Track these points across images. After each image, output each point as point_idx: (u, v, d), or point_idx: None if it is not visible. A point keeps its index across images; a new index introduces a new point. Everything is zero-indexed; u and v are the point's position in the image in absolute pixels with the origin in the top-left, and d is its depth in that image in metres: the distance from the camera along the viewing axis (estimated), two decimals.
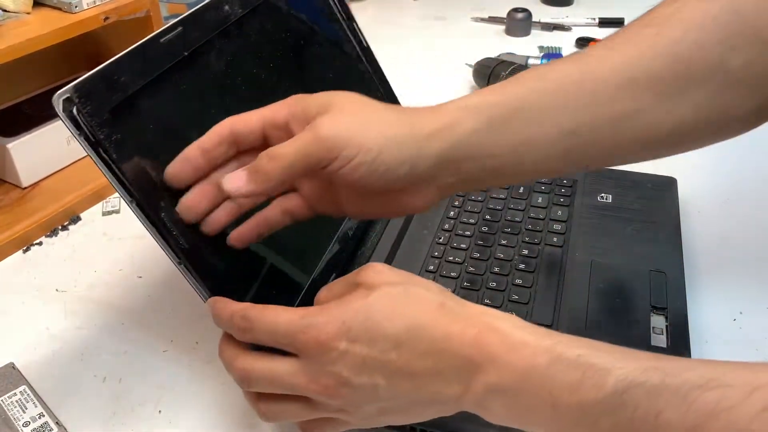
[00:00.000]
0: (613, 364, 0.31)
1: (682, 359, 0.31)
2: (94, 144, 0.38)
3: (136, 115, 0.39)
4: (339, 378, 0.35)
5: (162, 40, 0.42)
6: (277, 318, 0.36)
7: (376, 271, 0.37)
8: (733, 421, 0.27)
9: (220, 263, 0.43)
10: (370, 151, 0.37)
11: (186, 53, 0.44)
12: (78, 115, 0.37)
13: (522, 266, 0.55)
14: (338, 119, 0.37)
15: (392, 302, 0.35)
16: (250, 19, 0.51)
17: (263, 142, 0.39)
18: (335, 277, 0.53)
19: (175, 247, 0.41)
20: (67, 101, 0.38)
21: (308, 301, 0.46)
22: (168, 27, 0.43)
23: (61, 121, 0.38)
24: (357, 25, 0.63)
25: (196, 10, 0.45)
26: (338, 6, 0.61)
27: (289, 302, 0.48)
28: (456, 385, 0.34)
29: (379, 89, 0.66)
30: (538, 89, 0.40)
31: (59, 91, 0.37)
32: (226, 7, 0.48)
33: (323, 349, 0.35)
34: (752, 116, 0.42)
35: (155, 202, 0.40)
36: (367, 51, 0.65)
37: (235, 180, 0.37)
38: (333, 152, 0.37)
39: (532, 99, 0.40)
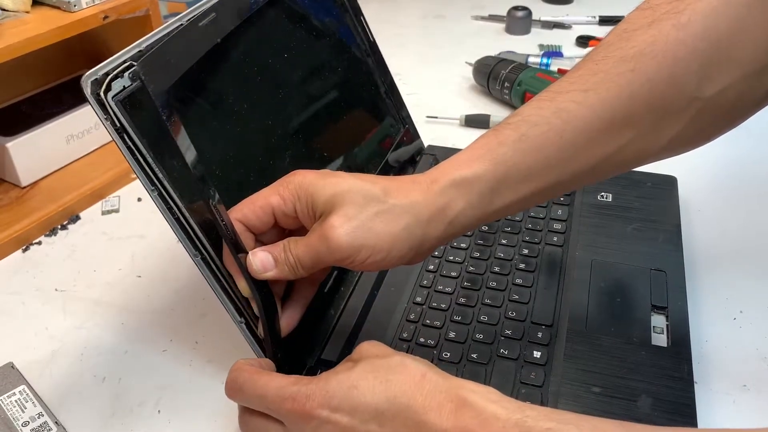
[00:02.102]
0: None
1: (649, 428, 0.32)
2: (119, 129, 0.38)
3: (164, 101, 0.39)
4: None
5: (200, 24, 0.42)
6: (265, 385, 0.38)
7: (366, 345, 0.39)
8: None
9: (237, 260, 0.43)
10: (382, 251, 0.40)
11: (216, 41, 0.44)
12: (105, 97, 0.37)
13: (522, 266, 0.55)
14: (346, 225, 0.40)
15: (375, 372, 0.36)
16: (266, 10, 0.51)
17: (276, 222, 0.43)
18: (334, 279, 0.53)
19: (195, 241, 0.41)
20: (95, 83, 0.37)
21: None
22: (204, 12, 0.43)
23: (88, 104, 0.37)
24: (364, 19, 0.63)
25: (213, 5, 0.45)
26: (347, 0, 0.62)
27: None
28: None
29: (383, 84, 0.66)
30: (522, 150, 0.41)
31: (87, 73, 0.37)
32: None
33: (306, 418, 0.36)
34: (728, 128, 0.44)
35: (177, 192, 0.39)
36: (373, 45, 0.65)
37: (266, 264, 0.41)
38: (346, 259, 0.40)
39: (517, 163, 0.41)
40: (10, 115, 0.74)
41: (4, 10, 0.65)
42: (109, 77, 0.37)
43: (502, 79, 0.84)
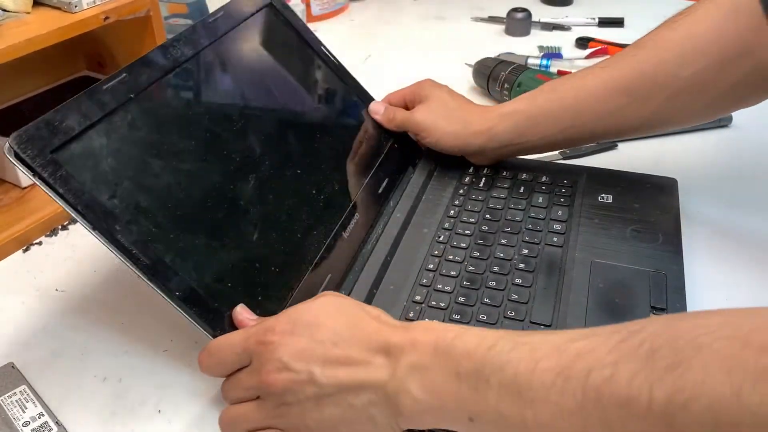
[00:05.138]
0: (507, 332, 0.38)
1: (565, 329, 0.38)
2: (48, 183, 0.41)
3: (89, 153, 0.43)
4: (279, 363, 0.41)
5: (105, 87, 0.46)
6: (229, 336, 0.44)
7: (324, 292, 0.46)
8: (594, 357, 0.33)
9: (186, 275, 0.45)
10: (433, 137, 0.65)
11: (129, 96, 0.47)
12: (25, 156, 0.41)
13: (522, 266, 0.55)
14: (425, 112, 0.65)
15: (335, 305, 0.43)
16: (201, 58, 0.54)
17: (403, 104, 0.68)
18: (330, 279, 0.53)
19: (139, 264, 0.43)
20: (16, 144, 0.41)
21: (301, 299, 0.47)
22: (112, 75, 0.47)
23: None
24: (324, 47, 0.66)
25: (143, 58, 0.49)
26: (301, 34, 0.65)
27: (280, 303, 0.49)
28: (384, 369, 0.39)
29: (358, 94, 0.68)
30: (551, 99, 0.61)
31: (7, 141, 0.41)
32: (175, 51, 0.52)
33: (268, 344, 0.42)
34: (703, 112, 0.59)
35: (112, 227, 0.43)
36: (340, 67, 0.67)
37: (376, 111, 0.67)
38: (415, 131, 0.66)
39: (546, 106, 0.61)
40: (10, 115, 0.75)
41: (5, 10, 0.65)
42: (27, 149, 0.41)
43: (502, 81, 0.85)
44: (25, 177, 0.71)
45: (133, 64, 0.48)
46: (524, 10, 1.08)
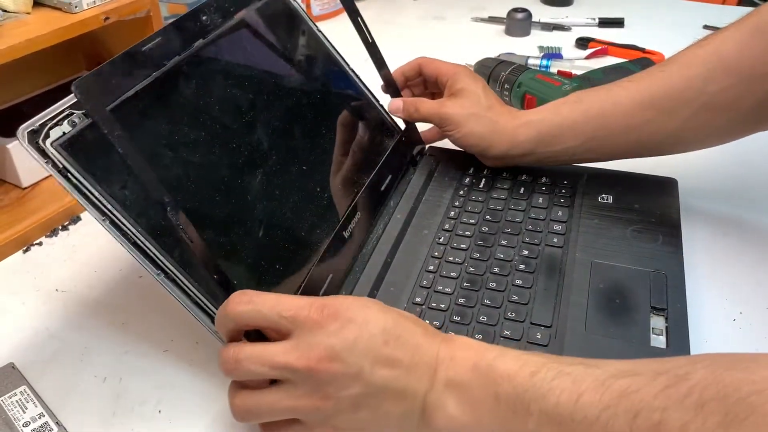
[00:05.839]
0: (548, 359, 0.38)
1: (605, 360, 0.37)
2: (61, 171, 0.40)
3: (103, 142, 0.41)
4: (332, 351, 0.38)
5: (143, 48, 0.45)
6: (280, 296, 0.41)
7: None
8: (640, 399, 0.33)
9: (201, 271, 0.44)
10: (459, 133, 0.63)
11: (153, 76, 0.45)
12: (44, 145, 0.39)
13: (522, 267, 0.55)
14: (456, 107, 0.63)
15: (374, 302, 0.42)
16: (226, 32, 0.53)
17: (434, 77, 0.68)
18: (331, 280, 0.53)
19: (155, 260, 0.42)
20: (32, 133, 0.40)
21: None
22: (150, 37, 0.45)
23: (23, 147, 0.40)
24: (362, 19, 0.65)
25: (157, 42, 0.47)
26: (308, 24, 0.65)
27: None
28: (425, 380, 0.39)
29: (368, 92, 0.67)
30: (575, 109, 0.60)
31: (23, 125, 0.39)
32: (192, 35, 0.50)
33: (323, 325, 0.39)
34: (728, 130, 0.59)
35: (131, 217, 0.41)
36: (346, 63, 0.66)
37: (396, 109, 0.66)
38: (441, 124, 0.64)
39: (570, 116, 0.60)
40: (10, 115, 0.75)
41: (5, 11, 0.65)
42: (47, 127, 0.40)
43: (502, 81, 0.85)
44: (25, 177, 0.71)
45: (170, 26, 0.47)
46: (524, 10, 1.08)
